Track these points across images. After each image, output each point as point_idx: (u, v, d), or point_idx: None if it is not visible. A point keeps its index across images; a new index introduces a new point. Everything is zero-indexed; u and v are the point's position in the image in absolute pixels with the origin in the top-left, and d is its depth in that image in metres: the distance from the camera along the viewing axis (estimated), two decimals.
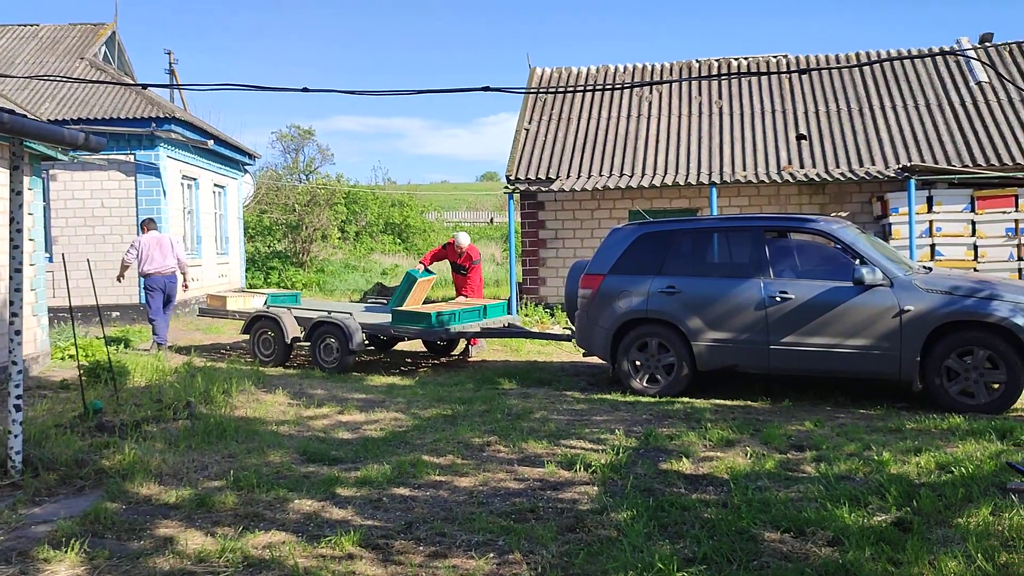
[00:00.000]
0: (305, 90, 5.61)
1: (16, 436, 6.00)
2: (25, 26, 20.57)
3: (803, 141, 17.15)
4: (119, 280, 12.88)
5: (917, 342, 8.13)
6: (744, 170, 16.55)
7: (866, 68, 18.60)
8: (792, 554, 4.37)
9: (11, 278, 5.97)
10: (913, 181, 14.76)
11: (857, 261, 8.51)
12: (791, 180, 15.85)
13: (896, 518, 4.81)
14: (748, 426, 7.45)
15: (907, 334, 8.17)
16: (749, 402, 8.73)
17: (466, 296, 12.95)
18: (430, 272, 12.94)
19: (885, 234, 15.34)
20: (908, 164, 15.60)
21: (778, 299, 8.67)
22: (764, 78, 18.74)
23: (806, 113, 17.82)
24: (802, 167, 16.47)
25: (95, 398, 8.15)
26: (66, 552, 4.60)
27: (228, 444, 7.03)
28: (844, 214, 16.33)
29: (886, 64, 18.36)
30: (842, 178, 15.60)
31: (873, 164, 16.21)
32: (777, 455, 6.45)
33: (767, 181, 15.98)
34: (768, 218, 9.67)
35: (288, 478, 6.06)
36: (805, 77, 18.66)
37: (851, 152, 16.64)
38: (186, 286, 13.12)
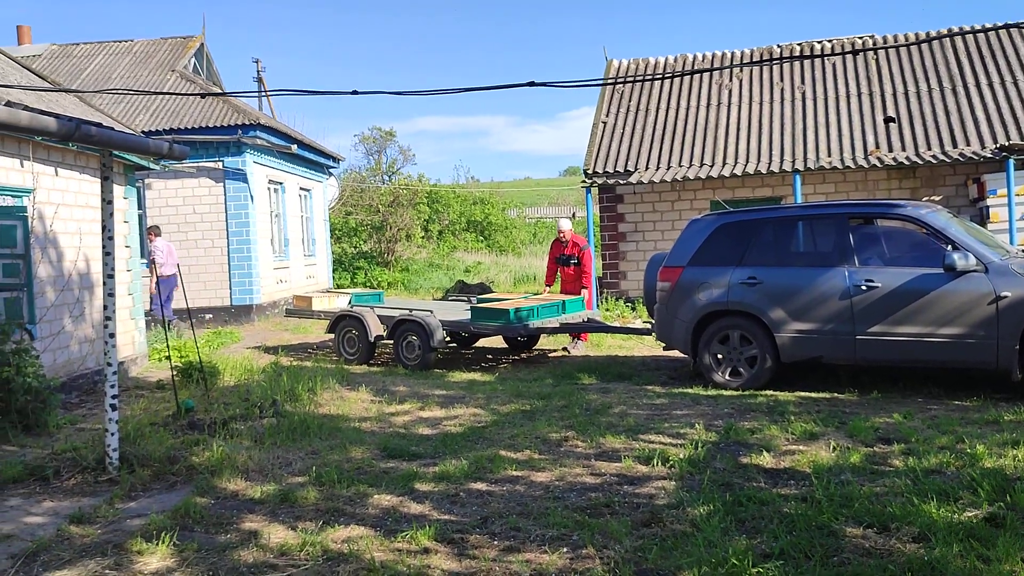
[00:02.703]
0: (355, 92, 5.73)
1: (113, 434, 6.28)
2: (120, 42, 21.49)
3: (892, 124, 16.54)
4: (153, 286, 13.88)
5: (1015, 329, 7.76)
6: (829, 156, 16.08)
7: (959, 45, 17.82)
8: (874, 550, 4.23)
9: (104, 283, 6.25)
10: (1012, 161, 14.08)
11: (948, 247, 8.17)
12: (879, 165, 15.32)
13: (988, 514, 4.61)
14: (833, 419, 7.25)
15: (1004, 321, 7.80)
16: (836, 394, 8.49)
17: (585, 289, 12.59)
18: None
19: (982, 218, 14.69)
20: (1006, 143, 14.87)
21: (864, 288, 8.40)
22: (850, 60, 18.16)
23: (894, 94, 17.18)
24: (891, 151, 15.90)
25: (187, 397, 8.48)
26: (157, 545, 4.79)
27: (312, 441, 7.21)
28: (937, 198, 15.70)
29: (980, 38, 17.55)
30: (934, 160, 15.00)
31: (968, 145, 15.52)
32: (863, 448, 6.25)
33: (853, 167, 15.48)
34: (852, 204, 9.38)
35: (368, 474, 6.18)
36: (894, 57, 18.01)
37: (943, 133, 15.98)
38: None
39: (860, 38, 19.02)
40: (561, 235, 12.69)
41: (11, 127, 4.81)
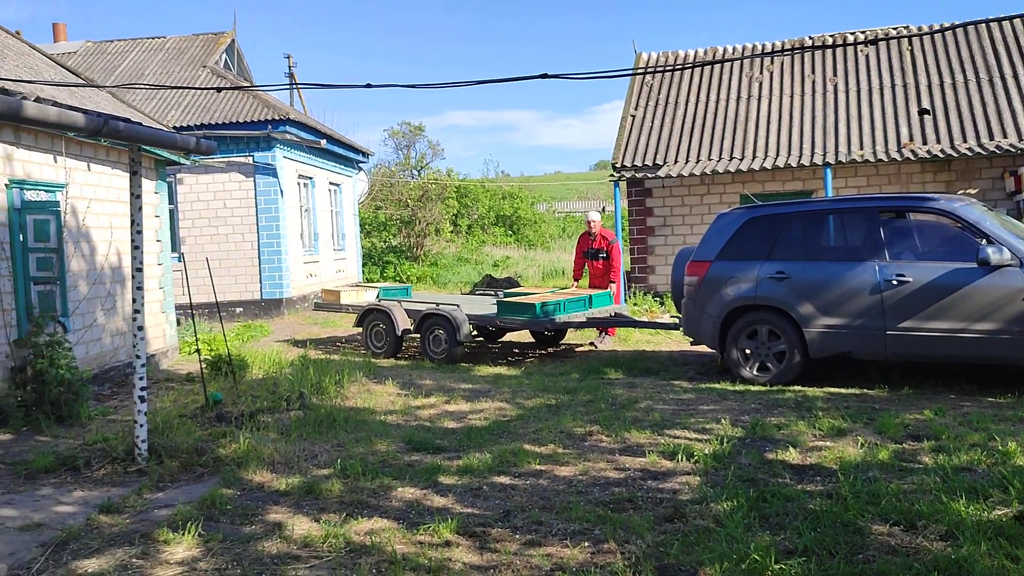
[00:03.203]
0: (368, 86, 5.76)
1: (141, 426, 6.36)
2: (153, 39, 21.74)
3: (926, 116, 16.29)
4: None
5: None
6: (861, 149, 15.86)
7: (996, 33, 17.50)
8: (900, 548, 4.17)
9: (132, 277, 6.33)
10: None
11: (983, 241, 8.02)
12: (913, 158, 15.09)
13: (1018, 512, 4.52)
14: (862, 415, 7.16)
15: None
16: (865, 390, 8.38)
17: (613, 283, 12.54)
18: None
19: (1020, 212, 14.42)
20: None
21: (895, 282, 8.28)
22: (883, 51, 17.89)
23: (929, 86, 16.91)
24: (925, 143, 15.66)
25: (216, 390, 8.57)
26: (183, 535, 4.85)
27: (338, 433, 7.26)
28: (973, 192, 15.43)
29: (1018, 24, 17.19)
30: (970, 153, 14.74)
31: (1005, 137, 15.24)
32: (892, 445, 6.17)
33: (886, 160, 15.27)
34: (883, 198, 9.24)
35: (393, 466, 6.21)
36: (928, 47, 17.72)
37: (980, 125, 15.69)
38: None
39: (894, 28, 18.74)
40: (590, 226, 12.60)
41: (41, 123, 4.88)
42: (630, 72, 9.94)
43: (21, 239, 8.26)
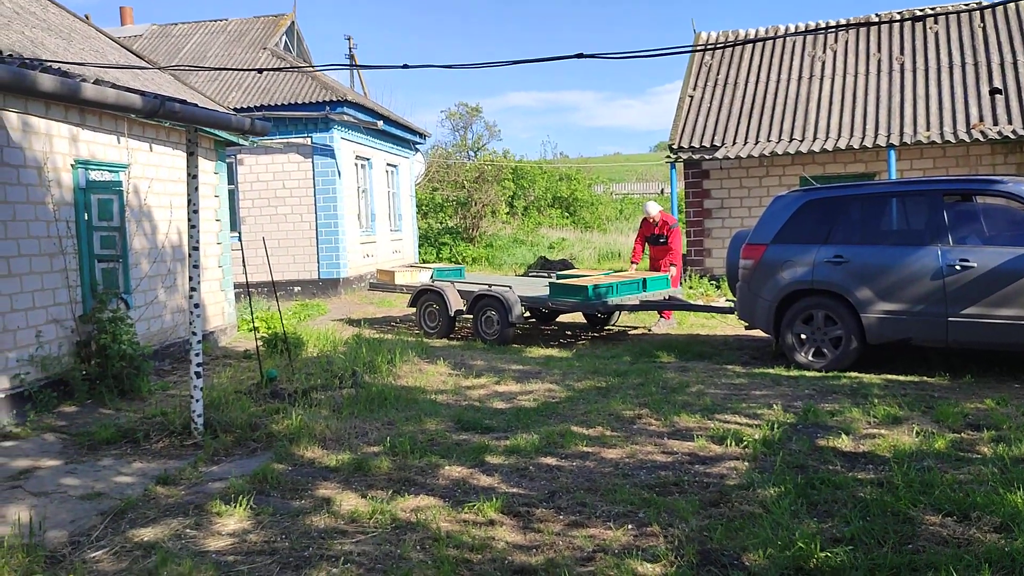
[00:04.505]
0: (405, 67, 5.75)
1: (197, 401, 6.53)
2: (215, 21, 22.11)
3: (997, 96, 15.71)
4: None
5: None
6: (928, 130, 15.39)
7: None
8: (952, 539, 4.07)
9: (189, 255, 6.47)
10: None
11: None
12: (982, 139, 14.60)
13: None
14: (920, 403, 6.99)
15: None
16: (924, 378, 8.18)
17: (674, 266, 12.46)
18: None
19: None
20: None
21: (958, 268, 8.04)
22: (954, 28, 17.29)
23: (1001, 64, 16.29)
24: (995, 124, 15.11)
25: (271, 367, 8.73)
26: (235, 507, 4.98)
27: (388, 412, 7.35)
28: None
29: None
30: None
31: None
32: (949, 434, 6.01)
33: (954, 141, 14.79)
34: (947, 180, 8.96)
35: (441, 445, 6.27)
36: (1002, 23, 17.06)
37: None
38: None
39: (965, 3, 18.09)
40: (651, 219, 12.54)
41: (99, 104, 5.00)
42: (664, 51, 9.73)
43: (86, 218, 8.50)
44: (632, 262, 13.25)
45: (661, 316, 12.60)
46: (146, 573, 4.13)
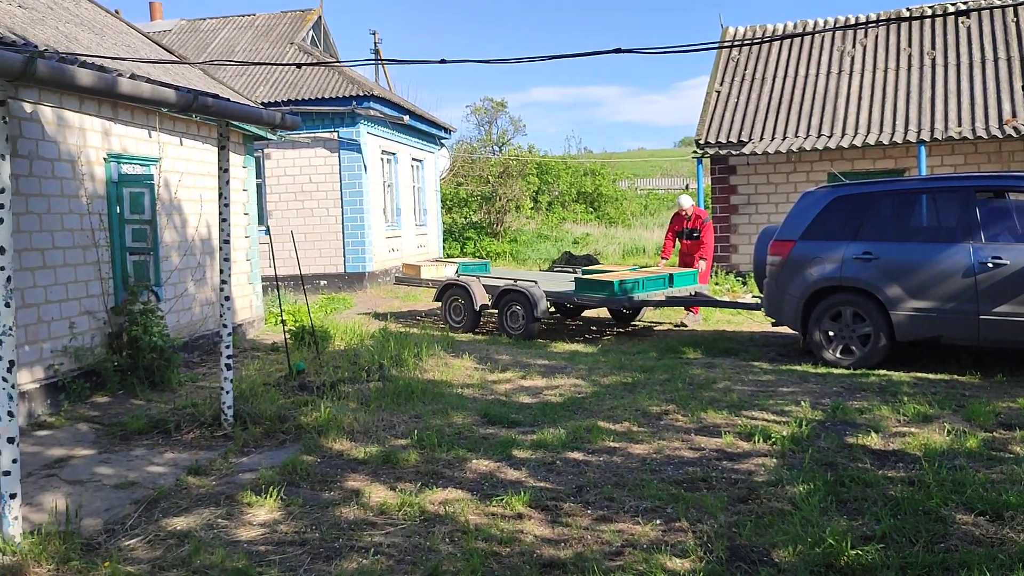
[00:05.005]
0: (443, 61, 5.77)
1: (228, 393, 6.60)
2: (243, 16, 22.27)
3: None
4: None
5: None
6: (959, 126, 15.20)
7: None
8: (985, 539, 4.04)
9: (220, 248, 6.54)
10: None
11: None
12: (1015, 135, 14.39)
13: None
14: (950, 401, 6.92)
15: None
16: (955, 376, 8.10)
17: (704, 260, 12.41)
18: None
19: None
20: None
21: (990, 265, 7.95)
22: (986, 22, 17.03)
23: None
24: None
25: (299, 360, 8.81)
26: (266, 498, 5.03)
27: (415, 405, 7.39)
28: None
29: None
30: None
31: None
32: (981, 433, 5.95)
33: (986, 137, 14.60)
34: (980, 177, 8.85)
35: (468, 439, 6.30)
36: None
37: None
38: None
39: None
40: (684, 212, 12.50)
41: (135, 98, 5.07)
42: (699, 47, 9.68)
43: (118, 211, 8.61)
44: (662, 257, 13.23)
45: (689, 311, 12.57)
46: (180, 562, 4.19)
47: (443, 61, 6.01)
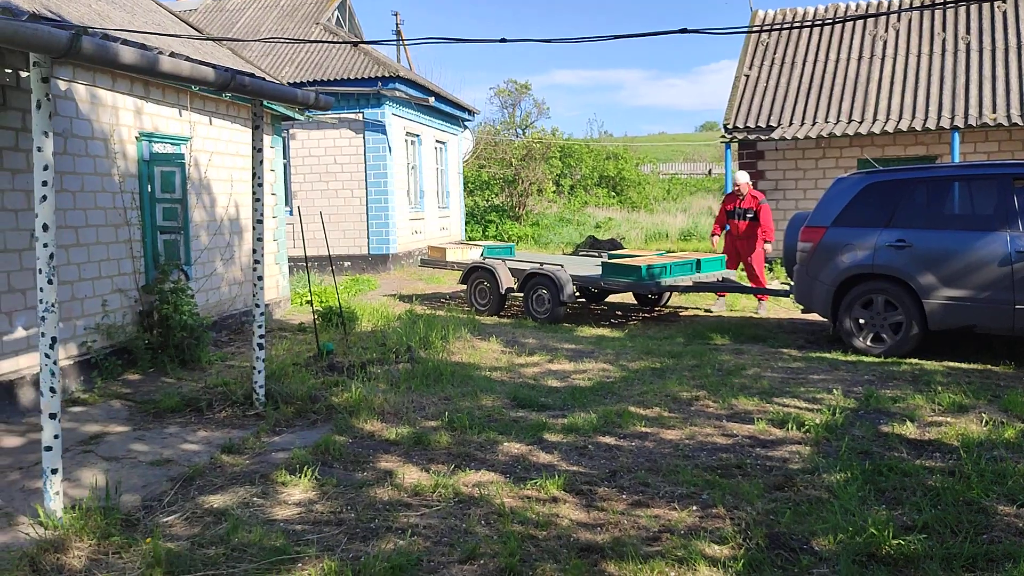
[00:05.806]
0: (503, 40, 5.69)
1: (259, 372, 6.63)
2: None
3: None
4: None
5: None
6: (994, 112, 14.97)
7: None
8: None
9: (254, 228, 6.55)
10: None
11: None
12: None
13: None
14: (985, 391, 6.85)
15: None
16: (989, 366, 8.00)
17: (768, 242, 12.11)
18: None
19: None
20: None
21: None
22: (1023, 8, 16.75)
23: None
24: None
25: (327, 340, 8.83)
26: (300, 477, 5.05)
27: (444, 387, 7.39)
28: None
29: None
30: None
31: None
32: (1019, 423, 5.88)
33: (1021, 123, 14.37)
34: (1017, 164, 8.71)
35: (498, 421, 6.29)
36: None
37: None
38: None
39: None
40: (737, 189, 12.34)
41: (174, 76, 5.06)
42: (744, 30, 9.62)
43: (149, 190, 8.64)
44: (713, 234, 13.00)
45: (720, 297, 12.49)
46: (218, 539, 4.21)
47: (503, 40, 5.89)
